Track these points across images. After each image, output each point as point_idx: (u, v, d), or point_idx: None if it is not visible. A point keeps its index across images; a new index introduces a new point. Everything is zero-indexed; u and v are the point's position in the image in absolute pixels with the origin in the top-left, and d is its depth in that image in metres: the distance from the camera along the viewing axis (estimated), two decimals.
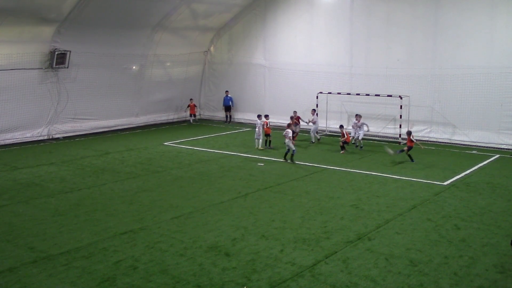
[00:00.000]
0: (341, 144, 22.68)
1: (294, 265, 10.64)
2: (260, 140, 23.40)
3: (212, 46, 34.11)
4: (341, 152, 22.49)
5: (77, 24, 25.14)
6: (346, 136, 22.66)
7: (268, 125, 23.81)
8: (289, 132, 20.69)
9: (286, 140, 20.58)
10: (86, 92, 27.33)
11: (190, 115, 32.33)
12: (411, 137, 20.52)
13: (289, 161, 20.58)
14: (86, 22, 25.33)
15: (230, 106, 32.51)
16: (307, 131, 26.27)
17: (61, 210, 14.57)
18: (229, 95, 32.47)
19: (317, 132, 25.67)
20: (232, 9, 31.43)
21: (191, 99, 32.34)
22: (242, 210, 14.51)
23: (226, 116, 32.79)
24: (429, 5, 25.09)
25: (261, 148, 23.24)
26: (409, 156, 20.51)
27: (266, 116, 24.18)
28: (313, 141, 25.14)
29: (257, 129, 23.48)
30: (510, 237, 9.25)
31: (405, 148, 20.52)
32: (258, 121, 23.56)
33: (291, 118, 24.50)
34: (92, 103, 27.78)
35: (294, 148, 20.49)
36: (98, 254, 11.26)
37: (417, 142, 20.92)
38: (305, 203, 15.16)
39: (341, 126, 23.22)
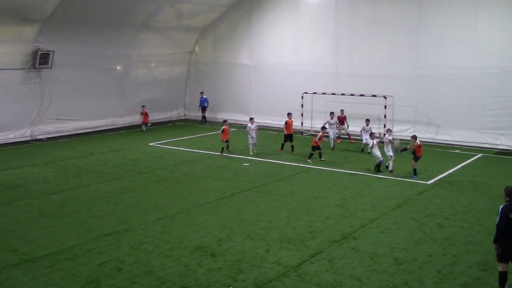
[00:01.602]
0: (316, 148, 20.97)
1: (280, 265, 10.66)
2: (251, 146, 22.40)
3: (197, 46, 34.03)
4: (307, 160, 20.84)
5: (60, 24, 24.91)
6: (318, 138, 20.73)
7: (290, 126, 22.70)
8: (372, 140, 18.75)
9: (374, 150, 18.74)
10: (69, 93, 27.07)
11: (142, 124, 29.46)
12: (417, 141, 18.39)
13: (375, 171, 18.84)
14: (69, 21, 25.12)
15: (205, 107, 32.36)
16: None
17: (44, 211, 14.41)
18: (204, 96, 32.30)
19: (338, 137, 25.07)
20: (217, 9, 31.38)
21: (143, 106, 29.54)
22: (228, 210, 14.49)
23: (203, 117, 32.52)
24: (412, 6, 25.32)
25: (254, 152, 22.26)
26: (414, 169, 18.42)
27: (289, 115, 23.11)
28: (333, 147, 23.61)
29: (252, 134, 22.29)
30: (493, 235, 9.36)
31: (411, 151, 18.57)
32: (251, 125, 22.38)
33: (339, 118, 24.48)
34: (76, 103, 27.52)
35: (381, 158, 18.63)
36: (82, 256, 11.15)
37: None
38: (291, 203, 15.19)
39: (323, 128, 21.92)
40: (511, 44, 22.94)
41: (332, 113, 24.41)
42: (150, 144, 25.08)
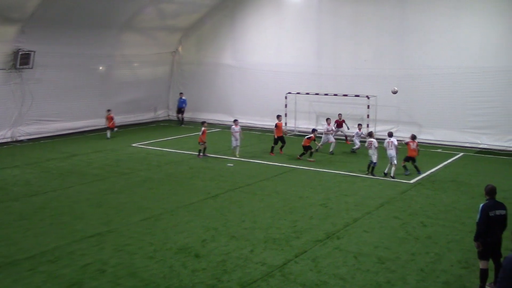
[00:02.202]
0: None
1: (265, 265, 10.67)
2: (234, 148, 21.96)
3: (180, 47, 33.91)
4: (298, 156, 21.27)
5: (41, 24, 24.60)
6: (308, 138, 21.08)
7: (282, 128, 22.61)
8: (374, 142, 18.49)
9: (370, 151, 18.51)
10: (51, 93, 26.74)
11: (107, 129, 27.03)
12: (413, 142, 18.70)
13: (369, 174, 18.59)
14: (51, 21, 24.83)
15: (183, 108, 31.97)
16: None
17: (25, 214, 14.22)
18: (183, 97, 32.04)
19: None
20: (201, 10, 31.31)
21: (108, 110, 27.26)
22: (212, 211, 14.47)
23: (181, 118, 32.14)
24: (395, 7, 25.55)
25: (234, 157, 21.66)
26: (416, 167, 18.74)
27: (279, 117, 22.89)
28: (332, 151, 22.76)
29: (236, 136, 21.81)
30: (474, 233, 9.49)
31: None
32: (235, 127, 21.90)
33: (337, 122, 24.02)
34: (58, 104, 27.19)
35: (375, 160, 18.41)
36: (64, 258, 11.03)
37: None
38: (275, 203, 15.21)
39: (314, 130, 22.01)
40: (492, 45, 23.27)
41: (328, 119, 23.43)
42: (134, 145, 24.92)
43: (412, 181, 17.73)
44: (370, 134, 19.47)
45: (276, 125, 22.51)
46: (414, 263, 10.76)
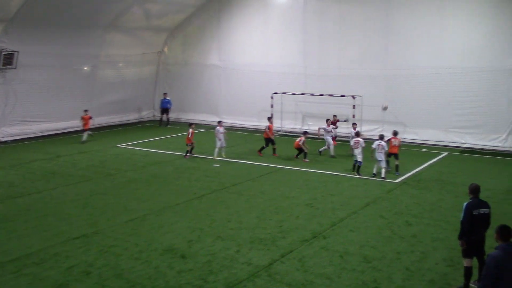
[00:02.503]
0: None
1: (251, 265, 10.67)
2: (218, 149, 21.53)
3: (166, 47, 33.79)
4: (295, 156, 21.43)
5: (25, 24, 24.34)
6: (302, 142, 21.08)
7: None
8: (362, 142, 18.73)
9: (357, 151, 18.62)
10: (35, 94, 26.48)
11: (84, 130, 25.68)
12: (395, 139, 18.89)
13: (356, 174, 18.66)
14: (34, 21, 24.58)
15: (167, 108, 31.74)
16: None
17: (9, 216, 14.05)
18: (167, 98, 31.82)
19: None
20: (186, 10, 31.24)
21: (85, 111, 26.02)
22: (198, 211, 14.43)
23: (162, 119, 31.84)
24: (380, 8, 25.71)
25: (220, 158, 21.39)
26: (396, 166, 18.89)
27: (270, 119, 22.87)
28: (333, 154, 22.14)
29: (220, 137, 21.45)
30: (458, 232, 9.59)
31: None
32: (219, 128, 21.49)
33: (332, 122, 23.04)
34: (42, 105, 26.92)
35: (360, 160, 18.55)
36: (49, 260, 10.93)
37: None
38: (261, 203, 15.22)
39: (305, 132, 22.07)
40: (475, 46, 23.52)
41: (328, 120, 23.04)
42: (119, 145, 24.77)
43: (397, 181, 17.86)
44: (358, 134, 19.60)
45: (269, 127, 22.15)
46: (400, 262, 10.84)
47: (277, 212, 14.35)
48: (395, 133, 19.47)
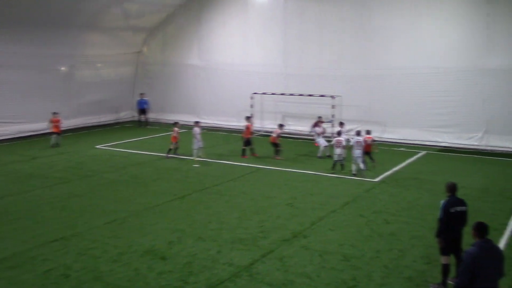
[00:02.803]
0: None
1: (232, 265, 10.65)
2: (196, 150, 21.08)
3: (145, 47, 33.56)
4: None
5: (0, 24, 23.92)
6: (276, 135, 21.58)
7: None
8: (343, 141, 18.99)
9: (338, 150, 18.80)
10: (10, 94, 26.00)
11: (52, 134, 24.35)
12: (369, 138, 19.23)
13: (336, 172, 18.85)
14: (9, 21, 24.15)
15: (145, 109, 31.45)
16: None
17: None
18: (144, 98, 31.55)
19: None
20: (165, 9, 31.05)
21: (54, 113, 24.58)
22: (179, 212, 14.36)
23: (140, 120, 31.57)
24: (359, 9, 25.91)
25: (199, 158, 20.91)
26: (370, 158, 19.35)
27: (249, 118, 22.73)
28: (320, 155, 21.87)
29: (197, 138, 21.05)
30: (435, 230, 9.72)
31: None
32: (197, 129, 21.02)
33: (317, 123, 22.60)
34: (17, 105, 26.47)
35: (342, 158, 18.91)
36: (26, 264, 10.75)
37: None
38: (242, 203, 15.21)
39: (281, 125, 22.51)
40: (451, 46, 23.85)
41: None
42: (97, 146, 24.50)
43: (376, 180, 18.02)
44: (339, 133, 19.72)
45: (247, 127, 22.18)
46: (379, 260, 10.94)
47: (257, 212, 14.36)
48: (368, 132, 19.72)
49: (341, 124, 22.15)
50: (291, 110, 27.91)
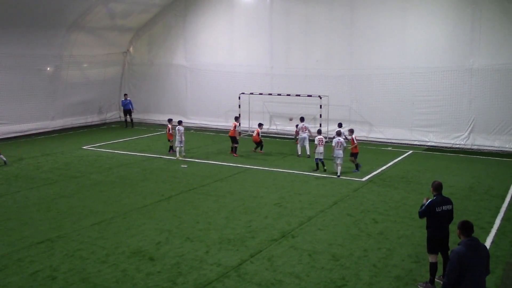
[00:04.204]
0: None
1: (220, 266, 10.63)
2: (179, 148, 21.59)
3: (131, 47, 33.38)
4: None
5: None
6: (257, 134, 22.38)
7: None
8: (323, 139, 19.20)
9: (321, 149, 18.75)
10: None
11: None
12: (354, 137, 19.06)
13: (320, 171, 19.10)
14: None
15: (130, 109, 31.14)
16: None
17: None
18: (128, 98, 31.31)
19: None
20: (151, 9, 30.90)
21: None
22: (166, 213, 14.30)
23: (126, 120, 31.25)
24: (345, 9, 26.01)
25: (181, 158, 21.47)
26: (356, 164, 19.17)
27: (237, 122, 22.90)
28: (300, 154, 22.08)
29: (178, 136, 21.53)
30: (424, 228, 9.81)
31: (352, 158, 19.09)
32: (180, 128, 21.69)
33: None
34: (3, 106, 26.23)
35: (322, 157, 19.05)
36: (12, 266, 10.63)
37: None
38: (229, 203, 15.19)
39: (260, 124, 23.08)
40: (437, 46, 24.04)
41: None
42: (84, 147, 24.31)
43: (364, 179, 18.11)
44: (319, 132, 19.79)
45: (233, 125, 22.51)
46: (367, 259, 10.99)
47: (245, 212, 14.35)
48: (351, 131, 19.65)
49: (340, 125, 21.93)
50: (278, 110, 27.96)
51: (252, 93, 27.91)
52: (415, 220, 13.44)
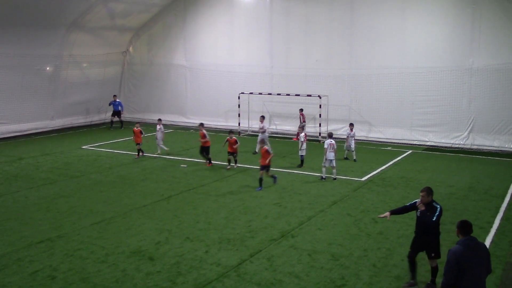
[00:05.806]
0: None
1: (220, 265, 10.64)
2: (160, 146, 22.15)
3: (131, 47, 33.38)
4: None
5: None
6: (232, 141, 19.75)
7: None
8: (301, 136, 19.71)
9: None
10: None
11: None
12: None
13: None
14: None
15: (119, 111, 31.04)
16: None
17: None
18: (117, 100, 31.24)
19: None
20: (151, 9, 30.91)
21: None
22: (166, 213, 14.30)
23: (111, 121, 30.95)
24: (345, 9, 26.02)
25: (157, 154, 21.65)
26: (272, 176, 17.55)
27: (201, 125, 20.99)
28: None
29: (158, 134, 22.16)
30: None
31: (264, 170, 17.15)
32: (161, 126, 22.39)
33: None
34: (3, 106, 26.25)
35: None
36: (12, 266, 10.64)
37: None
38: (229, 203, 15.19)
39: (231, 131, 21.77)
40: (437, 46, 24.05)
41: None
42: (84, 147, 24.31)
43: (363, 179, 18.11)
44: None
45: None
46: (367, 259, 11.00)
47: (245, 212, 14.35)
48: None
49: (351, 125, 21.65)
50: (278, 110, 27.98)
51: (251, 93, 27.91)
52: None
